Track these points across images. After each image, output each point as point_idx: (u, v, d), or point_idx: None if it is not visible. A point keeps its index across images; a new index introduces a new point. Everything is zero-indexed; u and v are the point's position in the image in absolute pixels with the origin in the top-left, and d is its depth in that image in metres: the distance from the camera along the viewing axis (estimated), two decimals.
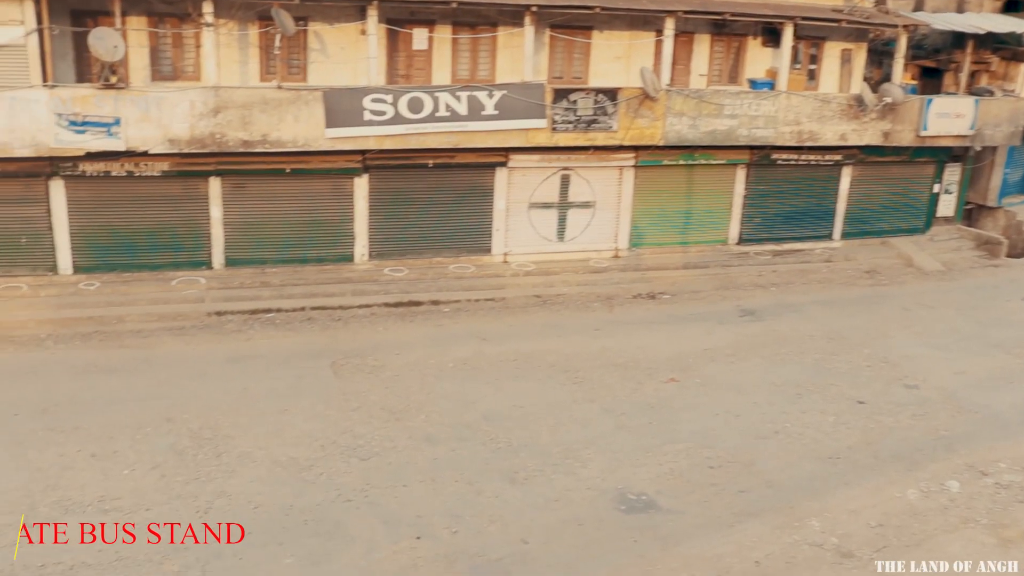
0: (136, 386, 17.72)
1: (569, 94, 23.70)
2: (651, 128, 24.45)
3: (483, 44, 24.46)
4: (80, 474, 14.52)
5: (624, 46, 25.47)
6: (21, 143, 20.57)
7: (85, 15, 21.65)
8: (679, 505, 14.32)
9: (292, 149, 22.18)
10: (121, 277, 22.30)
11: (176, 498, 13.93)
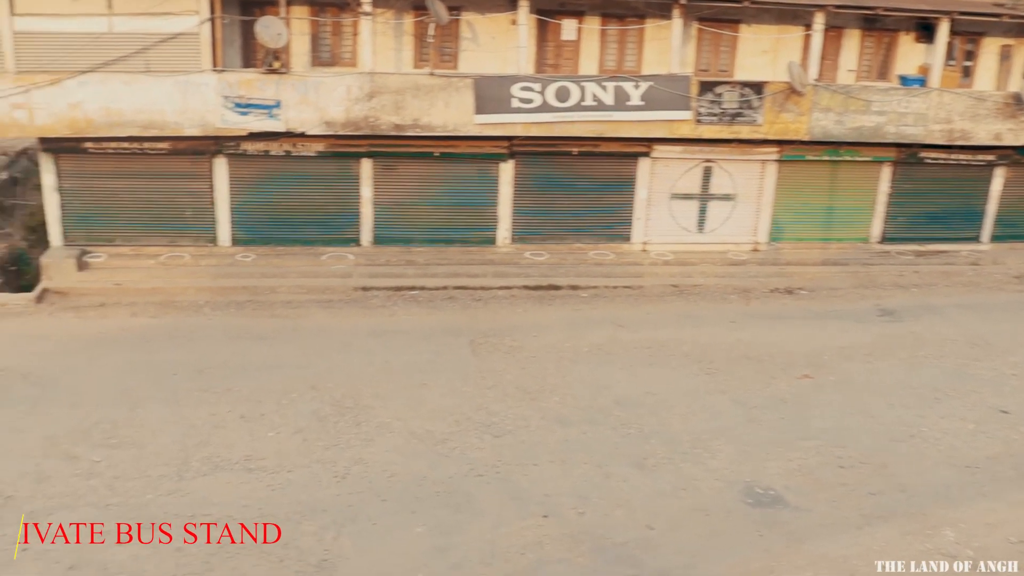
0: (284, 354, 18.14)
1: (715, 87, 23.06)
2: (796, 123, 23.59)
3: (631, 36, 24.03)
4: (229, 433, 14.95)
5: (771, 40, 24.63)
6: (191, 123, 21.32)
7: (252, 5, 22.28)
8: (807, 503, 13.73)
9: (441, 133, 22.28)
10: (275, 251, 22.91)
11: (316, 462, 14.17)
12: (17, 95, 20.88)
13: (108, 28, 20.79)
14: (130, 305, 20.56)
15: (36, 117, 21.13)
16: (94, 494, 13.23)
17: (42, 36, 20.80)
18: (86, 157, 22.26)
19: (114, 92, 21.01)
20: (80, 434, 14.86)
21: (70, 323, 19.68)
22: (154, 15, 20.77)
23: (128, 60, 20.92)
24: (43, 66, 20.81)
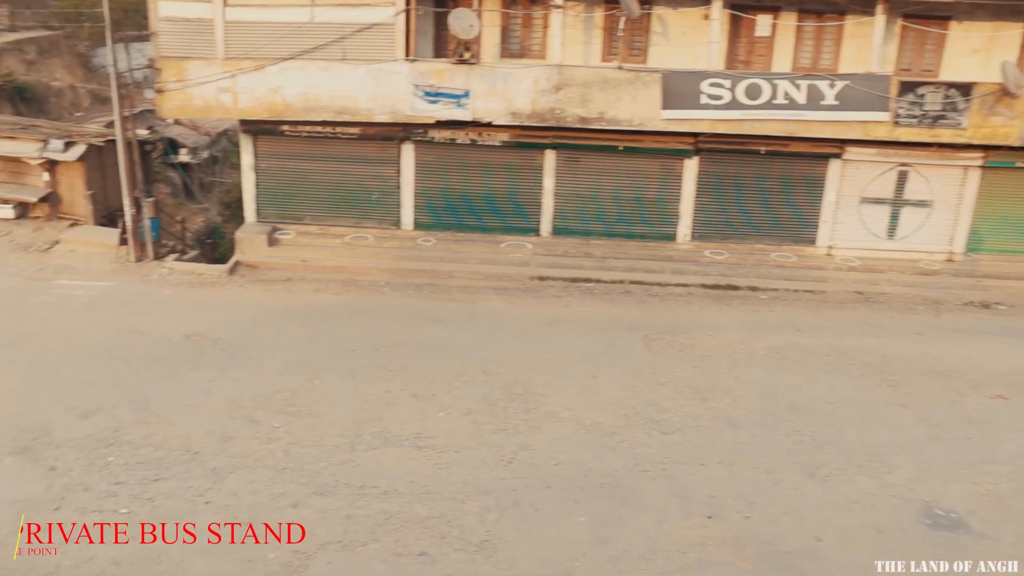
0: (459, 337, 18.55)
1: (916, 87, 22.05)
2: (1006, 127, 22.26)
3: (828, 32, 23.24)
4: (401, 410, 15.41)
5: (984, 38, 23.27)
6: (382, 110, 22.07)
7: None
8: (994, 531, 12.93)
9: (627, 128, 22.22)
10: (455, 236, 23.46)
11: (484, 445, 14.42)
12: (224, 79, 22.17)
13: (310, 18, 21.76)
14: (314, 281, 21.56)
15: (240, 100, 22.37)
16: (272, 457, 13.93)
17: (249, 25, 21.98)
18: (282, 139, 23.41)
19: (312, 78, 22.00)
20: (262, 399, 15.69)
21: (259, 295, 20.79)
22: (352, 6, 21.61)
23: (326, 48, 21.83)
24: (248, 53, 22.00)
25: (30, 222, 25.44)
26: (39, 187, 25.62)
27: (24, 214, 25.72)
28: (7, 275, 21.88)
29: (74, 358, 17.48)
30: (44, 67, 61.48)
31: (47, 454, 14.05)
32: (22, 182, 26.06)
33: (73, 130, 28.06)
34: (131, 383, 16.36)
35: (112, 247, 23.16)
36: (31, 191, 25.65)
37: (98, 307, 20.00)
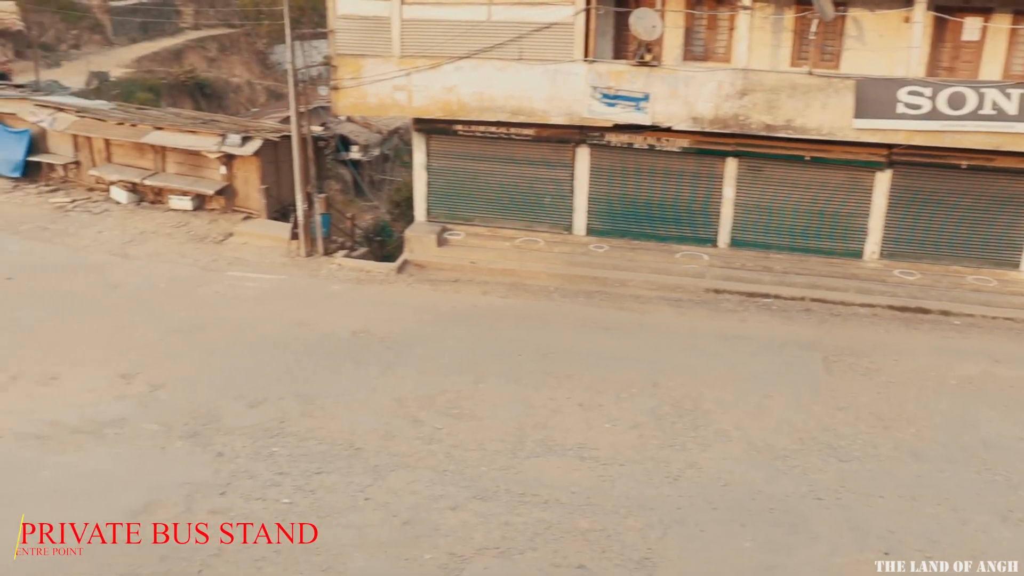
0: (628, 347, 18.71)
1: None
2: None
3: None
4: (566, 419, 15.69)
5: None
6: (558, 112, 22.44)
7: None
8: None
9: (815, 137, 21.82)
10: (628, 244, 23.62)
11: (649, 459, 14.52)
12: (399, 77, 23.03)
13: (487, 16, 22.33)
14: (482, 284, 22.14)
15: (414, 99, 23.19)
16: (433, 458, 14.44)
17: (425, 23, 22.76)
18: (455, 139, 24.13)
19: (487, 78, 22.59)
20: (426, 400, 16.27)
21: (426, 295, 21.51)
22: (531, 4, 22.05)
23: (502, 47, 22.36)
24: (423, 51, 22.78)
25: (206, 214, 27.08)
26: (216, 180, 27.24)
27: (201, 206, 27.39)
28: (184, 265, 23.39)
29: (244, 348, 18.57)
30: (224, 64, 65.13)
31: (216, 440, 15.02)
32: (200, 175, 27.76)
33: (250, 125, 29.64)
34: (298, 376, 17.25)
35: (283, 241, 24.39)
36: (208, 184, 27.29)
37: (268, 299, 21.13)
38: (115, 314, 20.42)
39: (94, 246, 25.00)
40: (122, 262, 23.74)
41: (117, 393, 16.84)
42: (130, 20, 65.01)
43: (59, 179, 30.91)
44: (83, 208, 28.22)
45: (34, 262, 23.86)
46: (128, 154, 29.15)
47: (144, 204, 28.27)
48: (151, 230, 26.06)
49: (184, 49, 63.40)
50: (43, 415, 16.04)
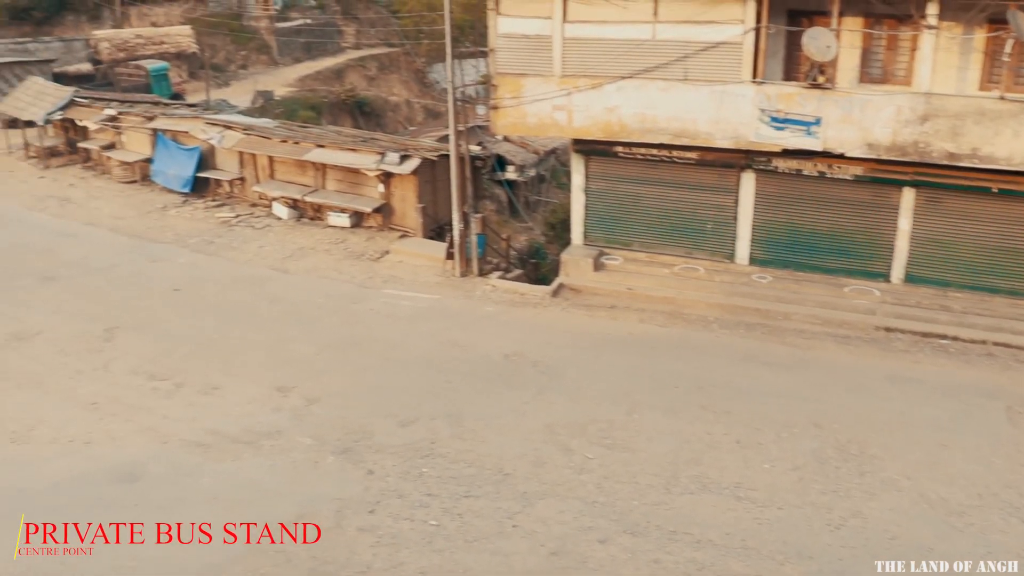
0: (790, 384, 18.12)
1: None
2: None
3: None
4: (722, 456, 15.28)
5: None
6: (723, 135, 22.02)
7: (801, 15, 22.40)
8: None
9: (1005, 167, 20.61)
10: (793, 275, 22.91)
11: (810, 505, 13.99)
12: (559, 97, 23.03)
13: (651, 35, 22.11)
14: (639, 311, 21.86)
15: (574, 119, 23.15)
16: (583, 489, 14.28)
17: (587, 42, 22.70)
18: (614, 161, 23.98)
19: (649, 98, 22.35)
20: (577, 428, 16.12)
21: (580, 320, 21.37)
22: (697, 23, 21.70)
23: (666, 67, 22.08)
24: (585, 71, 22.73)
25: (364, 231, 27.68)
26: (374, 198, 27.82)
27: (359, 223, 28.02)
28: (340, 281, 23.94)
29: (397, 366, 18.84)
30: (383, 82, 66.84)
31: (367, 457, 15.26)
32: (359, 192, 28.42)
33: (408, 144, 30.20)
34: (449, 396, 17.38)
35: (439, 260, 24.68)
36: (366, 201, 27.90)
37: (422, 319, 21.39)
38: (274, 327, 21.06)
39: (256, 260, 25.89)
40: (282, 277, 24.49)
41: (274, 405, 17.35)
42: (294, 41, 67.55)
43: (225, 194, 32.20)
44: (246, 223, 29.29)
45: (199, 274, 24.88)
46: (290, 171, 30.12)
47: (304, 220, 29.13)
48: (310, 246, 26.81)
49: (345, 68, 65.40)
50: (205, 423, 16.72)
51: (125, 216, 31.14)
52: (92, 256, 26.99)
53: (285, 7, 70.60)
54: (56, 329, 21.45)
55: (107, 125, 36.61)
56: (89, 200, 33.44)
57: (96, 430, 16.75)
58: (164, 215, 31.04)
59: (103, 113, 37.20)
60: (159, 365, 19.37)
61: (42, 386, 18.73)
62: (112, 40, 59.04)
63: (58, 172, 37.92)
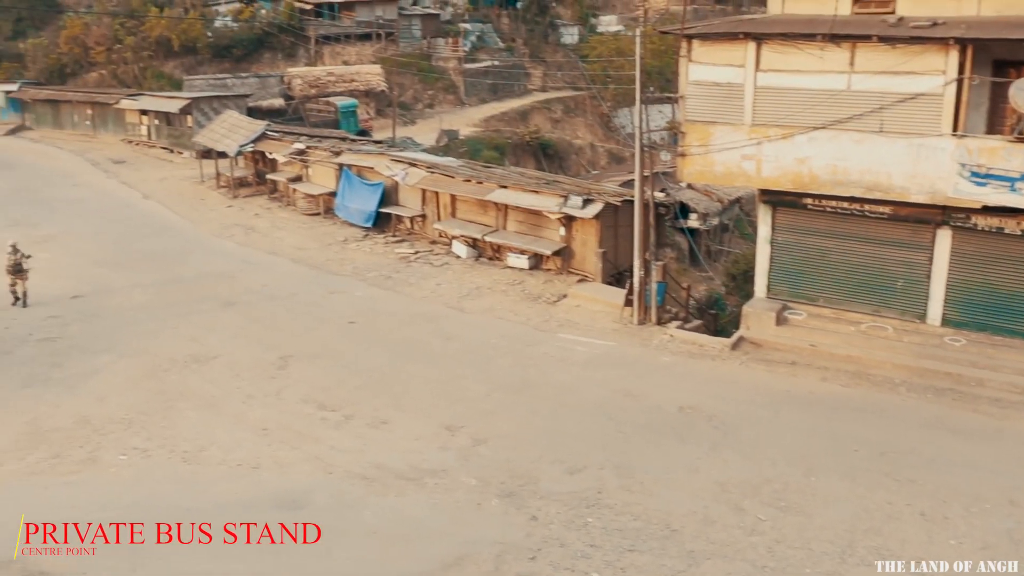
0: (982, 455, 17.31)
1: None
2: None
3: None
4: (904, 528, 14.72)
5: None
6: (918, 189, 21.38)
7: (1008, 65, 21.59)
8: None
9: None
10: (990, 339, 21.89)
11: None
12: (749, 146, 22.88)
13: (846, 86, 21.72)
14: (821, 369, 21.34)
15: (763, 169, 22.93)
16: (752, 551, 14.02)
17: (780, 91, 22.48)
18: (802, 213, 23.57)
19: (842, 150, 21.94)
20: (750, 487, 15.86)
21: (759, 375, 21.03)
22: (895, 74, 21.20)
23: (861, 118, 21.65)
24: (776, 120, 22.51)
25: (542, 274, 28.09)
26: (554, 241, 28.21)
27: (537, 265, 28.45)
28: (516, 323, 24.33)
29: (568, 412, 18.99)
30: (568, 125, 67.72)
31: (531, 503, 15.41)
32: (539, 235, 28.88)
33: (591, 188, 30.51)
34: (619, 446, 17.40)
35: (616, 307, 24.78)
36: (546, 244, 28.31)
37: (596, 365, 21.50)
38: (446, 365, 21.58)
39: (432, 297, 26.63)
40: (457, 315, 25.09)
41: (441, 443, 17.76)
42: (481, 82, 69.30)
43: (405, 231, 33.27)
44: (425, 260, 30.17)
45: (376, 308, 25.77)
46: (471, 210, 30.88)
47: (482, 260, 29.80)
48: (487, 286, 27.38)
49: (530, 110, 66.63)
50: (371, 457, 17.27)
51: (307, 247, 32.61)
52: (273, 284, 28.38)
53: (474, 49, 72.58)
54: (233, 354, 22.67)
55: (295, 158, 38.49)
56: (273, 230, 35.19)
57: (264, 455, 17.59)
58: (344, 248, 32.33)
59: (292, 147, 39.18)
60: (330, 395, 20.18)
61: (216, 408, 19.84)
62: (305, 77, 62.11)
63: (245, 202, 40.11)
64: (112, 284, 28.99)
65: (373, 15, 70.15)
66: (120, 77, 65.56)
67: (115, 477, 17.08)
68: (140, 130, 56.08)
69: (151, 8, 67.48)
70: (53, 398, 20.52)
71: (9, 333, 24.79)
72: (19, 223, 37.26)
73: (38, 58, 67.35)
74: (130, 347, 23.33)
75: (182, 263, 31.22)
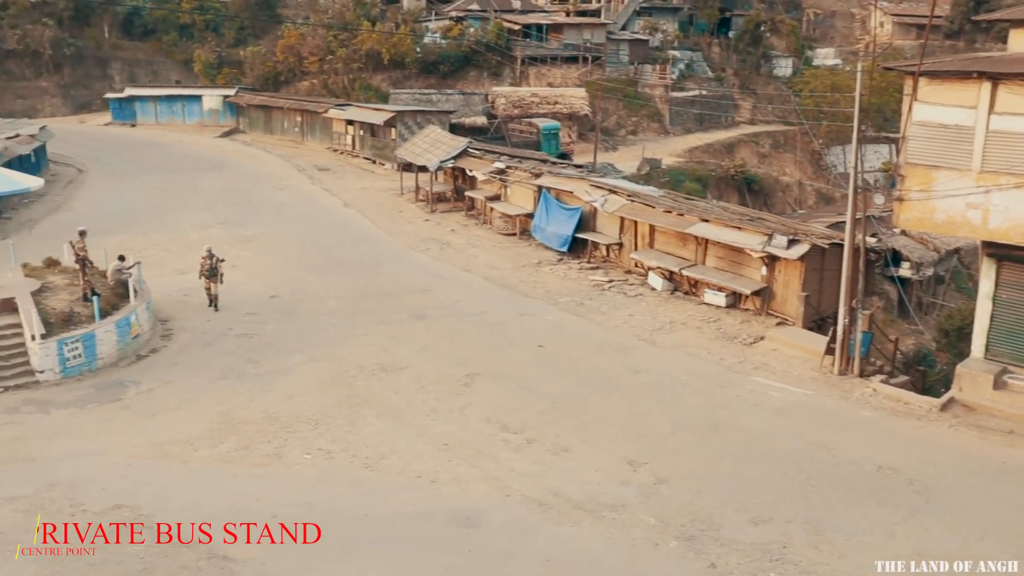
0: None
1: None
2: None
3: None
4: None
5: None
6: None
7: None
8: None
9: None
10: None
11: None
12: (976, 195, 21.75)
13: None
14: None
15: (990, 220, 21.72)
16: None
17: (1015, 136, 21.29)
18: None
19: None
20: (951, 561, 14.92)
21: (971, 441, 19.87)
22: None
23: None
24: (1009, 167, 21.33)
25: (739, 313, 27.54)
26: (755, 280, 27.61)
27: (735, 304, 27.92)
28: (709, 361, 23.89)
29: (756, 459, 18.50)
30: (775, 161, 66.55)
31: (711, 549, 15.12)
32: (739, 272, 28.34)
33: (798, 227, 29.73)
34: (810, 501, 16.80)
35: (816, 354, 23.99)
36: (746, 283, 27.75)
37: (790, 413, 20.86)
38: (632, 398, 21.40)
39: (623, 328, 26.47)
40: (648, 348, 24.84)
41: (621, 478, 17.61)
42: (687, 111, 68.91)
43: (600, 258, 33.28)
44: (618, 289, 30.07)
45: (565, 333, 25.83)
46: (670, 242, 30.62)
47: (677, 293, 29.48)
48: (680, 321, 27.03)
49: (737, 143, 65.83)
50: (549, 483, 17.32)
51: (500, 266, 33.02)
52: (463, 301, 28.87)
53: (681, 77, 72.27)
54: (421, 366, 23.20)
55: (494, 177, 39.11)
56: (468, 247, 35.83)
57: (443, 470, 17.94)
58: (538, 271, 32.57)
59: (492, 165, 39.86)
60: (513, 417, 20.33)
61: (399, 418, 20.38)
62: (509, 96, 63.22)
63: (442, 217, 41.03)
64: (308, 287, 30.21)
65: (581, 38, 70.72)
66: (330, 87, 68.42)
67: (298, 475, 17.85)
68: (345, 139, 58.35)
69: (364, 22, 70.09)
70: (246, 392, 21.74)
71: (211, 326, 26.40)
72: (227, 222, 39.48)
73: (255, 65, 71.00)
74: (321, 350, 24.29)
75: (376, 272, 32.18)
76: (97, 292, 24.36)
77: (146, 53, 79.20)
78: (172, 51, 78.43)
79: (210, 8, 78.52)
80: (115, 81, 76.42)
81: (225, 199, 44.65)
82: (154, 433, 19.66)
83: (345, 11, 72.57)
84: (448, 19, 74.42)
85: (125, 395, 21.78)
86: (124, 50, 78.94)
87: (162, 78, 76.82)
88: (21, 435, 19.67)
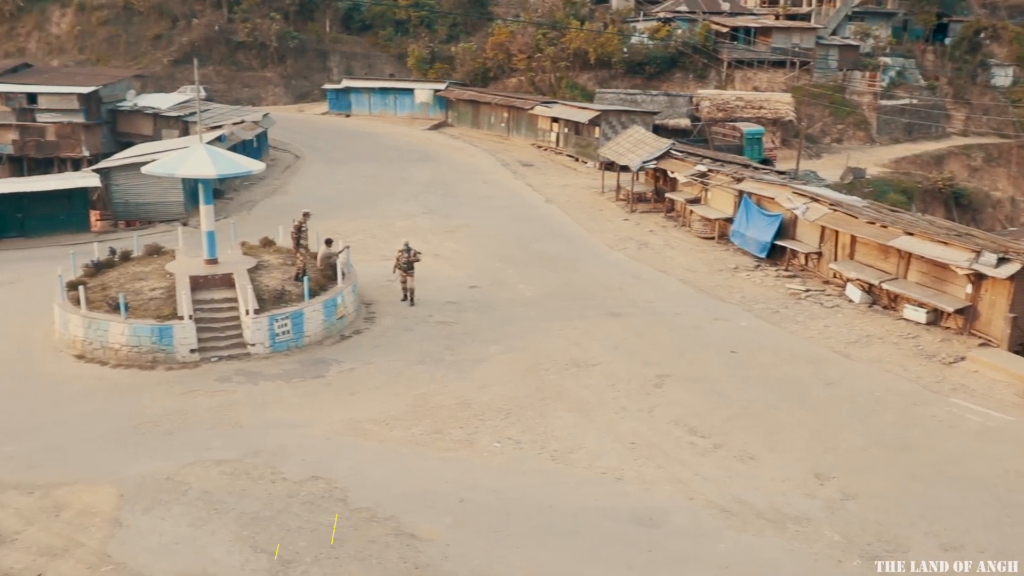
0: None
1: None
2: None
3: None
4: None
5: None
6: None
7: None
8: None
9: None
10: None
11: None
12: None
13: None
14: None
15: None
16: None
17: None
18: None
19: None
20: None
21: None
22: None
23: None
24: None
25: (939, 331, 26.54)
26: (958, 298, 26.55)
27: (936, 321, 26.92)
28: (905, 379, 23.15)
29: (950, 483, 17.90)
30: (987, 175, 63.53)
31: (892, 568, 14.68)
32: (941, 289, 27.30)
33: (1009, 245, 28.39)
34: (1005, 531, 16.20)
35: (1021, 379, 22.93)
36: (949, 300, 26.70)
37: (989, 438, 20.03)
38: (823, 411, 21.02)
39: (818, 338, 25.95)
40: (842, 361, 24.28)
41: (807, 491, 17.38)
42: (896, 120, 66.63)
43: (798, 266, 32.67)
44: (815, 299, 29.47)
45: (759, 340, 25.54)
46: (871, 254, 29.78)
47: (876, 307, 28.65)
48: (877, 335, 26.29)
49: (947, 155, 63.26)
50: (734, 490, 17.29)
51: (696, 269, 32.87)
52: (658, 302, 28.90)
53: (892, 84, 69.85)
54: (612, 364, 23.42)
55: (696, 180, 38.88)
56: (665, 248, 35.79)
57: (629, 469, 18.13)
58: (734, 276, 32.25)
59: (694, 168, 39.64)
60: (702, 422, 20.31)
61: (588, 414, 20.64)
62: (713, 100, 62.59)
63: (641, 217, 41.10)
64: (507, 279, 30.86)
65: (789, 42, 69.26)
66: (537, 84, 69.31)
67: (487, 462, 18.38)
68: (549, 136, 58.97)
69: (573, 21, 70.64)
70: (442, 377, 22.50)
71: (412, 312, 27.43)
72: (433, 212, 40.73)
73: (466, 61, 72.59)
74: (517, 341, 24.86)
75: (574, 268, 32.57)
76: (307, 274, 25.62)
77: (363, 47, 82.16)
78: (387, 45, 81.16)
79: (425, 5, 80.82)
80: (333, 73, 79.54)
81: (431, 190, 45.94)
82: (353, 411, 20.63)
83: (555, 10, 73.24)
84: (656, 20, 74.16)
85: (328, 372, 22.90)
86: (343, 44, 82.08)
87: (377, 71, 79.37)
88: (232, 403, 21.03)
